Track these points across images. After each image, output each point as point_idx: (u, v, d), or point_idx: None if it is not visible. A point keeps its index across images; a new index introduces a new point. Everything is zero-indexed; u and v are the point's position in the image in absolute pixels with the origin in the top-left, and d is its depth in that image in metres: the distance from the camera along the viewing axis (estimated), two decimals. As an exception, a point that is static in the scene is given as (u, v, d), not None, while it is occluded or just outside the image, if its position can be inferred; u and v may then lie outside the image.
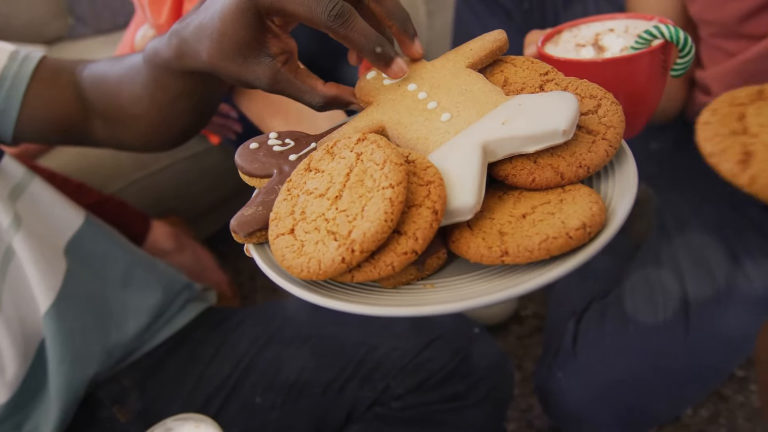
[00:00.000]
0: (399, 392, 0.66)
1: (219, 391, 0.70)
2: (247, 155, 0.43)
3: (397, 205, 0.32)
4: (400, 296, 0.35)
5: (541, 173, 0.36)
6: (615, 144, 0.37)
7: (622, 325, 0.75)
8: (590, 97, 0.39)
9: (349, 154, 0.37)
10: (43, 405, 0.63)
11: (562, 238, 0.32)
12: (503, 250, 0.33)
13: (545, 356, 0.80)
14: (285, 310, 0.75)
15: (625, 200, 0.35)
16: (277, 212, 0.37)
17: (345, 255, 0.32)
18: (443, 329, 0.69)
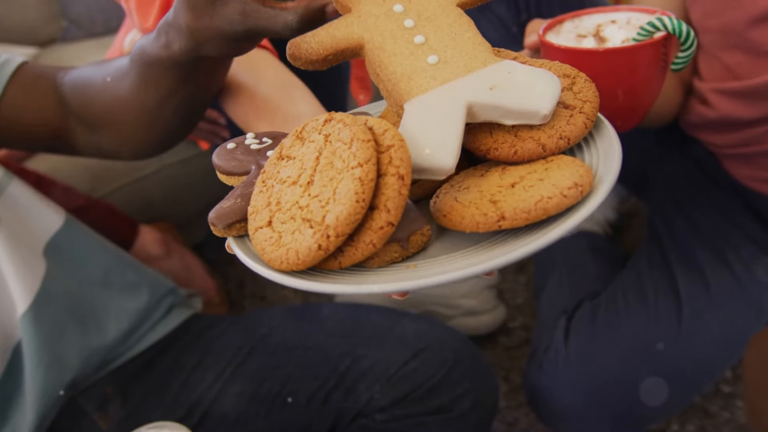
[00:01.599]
0: (383, 404, 0.65)
1: (202, 400, 0.69)
2: (225, 155, 0.43)
3: (367, 183, 0.32)
4: (380, 275, 0.34)
5: (523, 145, 0.37)
6: (592, 117, 0.38)
7: (614, 324, 0.76)
8: (564, 76, 0.41)
9: (317, 136, 0.36)
10: (19, 409, 0.62)
11: (557, 197, 0.33)
12: (499, 215, 0.33)
13: (535, 353, 0.80)
14: (270, 318, 0.75)
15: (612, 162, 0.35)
16: (254, 205, 0.37)
17: (321, 242, 0.32)
18: (429, 341, 0.68)
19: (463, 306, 1.00)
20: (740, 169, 0.83)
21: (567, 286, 0.87)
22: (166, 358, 0.72)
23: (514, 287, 1.11)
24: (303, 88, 0.58)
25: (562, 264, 0.93)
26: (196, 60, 0.48)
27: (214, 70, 0.53)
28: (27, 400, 0.61)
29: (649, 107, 0.62)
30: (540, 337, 0.82)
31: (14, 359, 0.62)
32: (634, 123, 0.64)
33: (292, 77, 0.60)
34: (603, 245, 0.99)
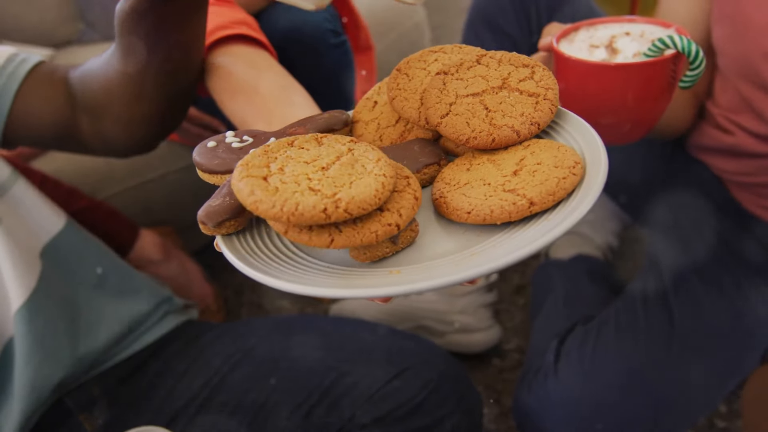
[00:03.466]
0: (364, 422, 0.65)
1: (188, 407, 0.69)
2: (206, 153, 0.43)
3: (387, 189, 0.35)
4: (366, 280, 0.35)
5: (500, 132, 0.40)
6: (555, 102, 0.41)
7: (605, 350, 0.75)
8: (524, 66, 0.43)
9: (340, 146, 0.38)
10: (6, 405, 0.63)
11: (569, 176, 0.36)
12: (528, 200, 0.35)
13: (526, 376, 0.79)
14: (260, 329, 0.75)
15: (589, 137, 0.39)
16: (248, 161, 0.36)
17: (328, 206, 0.33)
18: (414, 360, 0.68)
19: (459, 323, 0.99)
20: (748, 196, 0.82)
21: (562, 310, 0.87)
22: (155, 364, 0.73)
23: (511, 309, 1.10)
24: (302, 92, 0.59)
25: (559, 287, 0.92)
26: (154, 10, 0.50)
27: (177, 28, 0.54)
28: (15, 397, 0.62)
29: (654, 122, 0.62)
30: (531, 359, 0.81)
31: (5, 355, 0.63)
32: (638, 136, 0.64)
33: (291, 80, 0.60)
34: (602, 270, 0.99)
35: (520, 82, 0.42)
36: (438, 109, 0.42)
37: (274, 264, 0.36)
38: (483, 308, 1.00)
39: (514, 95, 0.42)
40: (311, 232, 0.34)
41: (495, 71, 0.43)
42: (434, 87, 0.43)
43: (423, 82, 0.45)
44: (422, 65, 0.46)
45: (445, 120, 0.41)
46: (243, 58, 0.60)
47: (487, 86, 0.42)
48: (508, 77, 0.43)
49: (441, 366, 0.68)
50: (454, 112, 0.41)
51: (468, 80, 0.43)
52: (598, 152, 0.38)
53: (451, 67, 0.44)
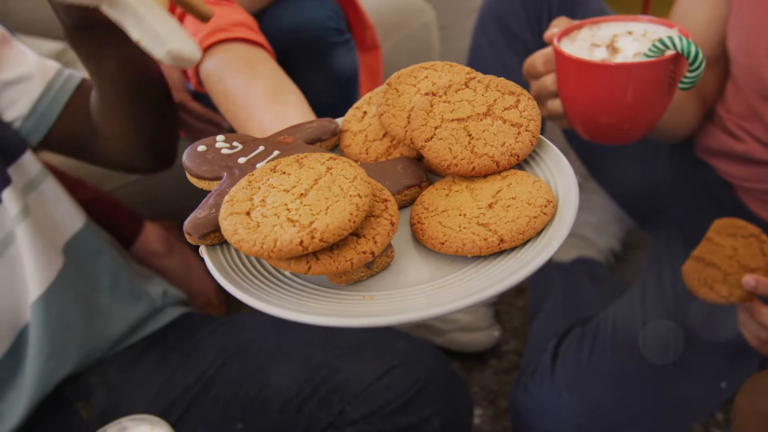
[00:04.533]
0: (353, 417, 0.66)
1: (182, 398, 0.70)
2: (196, 158, 0.44)
3: (361, 211, 0.35)
4: (336, 306, 0.36)
5: (480, 162, 0.41)
6: (536, 134, 0.42)
7: (602, 351, 0.75)
8: (509, 93, 0.44)
9: (319, 166, 0.39)
10: (14, 393, 0.64)
11: (540, 216, 0.37)
12: (499, 238, 0.37)
13: (522, 375, 0.80)
14: (256, 323, 0.76)
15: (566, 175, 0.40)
16: (234, 196, 0.38)
17: (304, 239, 0.34)
18: (404, 357, 0.68)
19: (459, 321, 0.99)
20: (755, 202, 0.81)
21: (561, 311, 0.87)
22: (152, 355, 0.74)
23: (511, 310, 1.10)
24: (296, 92, 0.59)
25: (559, 289, 0.92)
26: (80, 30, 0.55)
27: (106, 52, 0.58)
28: (24, 386, 0.64)
29: (653, 123, 0.62)
30: (528, 360, 0.81)
31: (20, 342, 0.65)
32: (637, 137, 0.64)
33: (286, 81, 0.61)
34: (602, 273, 0.98)
35: (505, 110, 0.43)
36: (423, 132, 0.43)
37: (253, 279, 0.38)
38: (483, 307, 1.00)
39: (498, 124, 0.43)
40: (290, 260, 0.36)
41: (482, 96, 0.44)
42: (421, 108, 0.43)
43: (411, 100, 0.45)
44: (412, 81, 0.47)
45: (428, 144, 0.42)
46: (239, 58, 0.61)
47: (473, 112, 0.43)
48: (494, 104, 0.44)
49: (431, 365, 0.68)
50: (438, 137, 0.42)
51: (455, 104, 0.44)
52: (571, 191, 0.39)
53: (440, 88, 0.44)
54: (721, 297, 0.63)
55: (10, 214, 0.64)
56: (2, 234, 0.64)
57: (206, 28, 0.62)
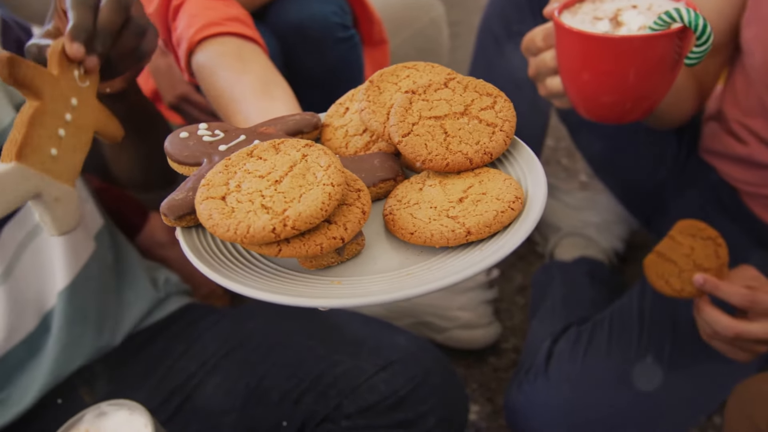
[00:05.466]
0: (349, 411, 0.66)
1: (183, 387, 0.72)
2: (178, 144, 0.45)
3: (333, 200, 0.36)
4: (305, 288, 0.37)
5: (454, 158, 0.43)
6: (510, 134, 0.44)
7: (597, 352, 0.75)
8: (487, 95, 0.46)
9: (295, 153, 0.40)
10: (26, 381, 0.66)
11: (507, 211, 0.39)
12: (466, 230, 0.38)
13: (518, 373, 0.80)
14: (258, 315, 0.77)
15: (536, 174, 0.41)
16: (210, 180, 0.39)
17: (276, 226, 0.35)
18: (402, 355, 0.69)
19: (459, 319, 0.99)
20: (759, 206, 0.81)
21: (559, 310, 0.87)
22: (156, 343, 0.75)
23: (511, 308, 1.10)
24: (284, 87, 0.60)
25: (559, 288, 0.92)
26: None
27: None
28: (39, 374, 0.66)
29: (657, 101, 0.60)
30: (525, 358, 0.81)
31: (42, 328, 0.66)
32: (639, 116, 0.62)
33: (275, 75, 0.61)
34: (604, 274, 0.98)
35: (481, 110, 0.45)
36: (401, 128, 0.44)
37: (225, 261, 0.39)
38: (483, 305, 1.01)
39: (473, 123, 0.44)
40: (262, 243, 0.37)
41: (460, 96, 0.45)
42: (401, 105, 0.45)
43: (392, 97, 0.47)
44: (394, 80, 0.48)
45: (405, 139, 0.43)
46: (230, 52, 0.62)
47: (450, 111, 0.44)
48: (471, 104, 0.45)
49: (428, 362, 0.69)
50: (415, 133, 0.43)
51: (433, 102, 0.45)
52: (540, 189, 0.40)
53: (419, 87, 0.46)
54: (674, 290, 0.68)
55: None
56: (36, 220, 0.65)
57: (200, 21, 0.62)
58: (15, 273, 0.64)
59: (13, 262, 0.64)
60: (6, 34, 0.69)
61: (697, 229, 0.69)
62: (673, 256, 0.70)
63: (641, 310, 0.78)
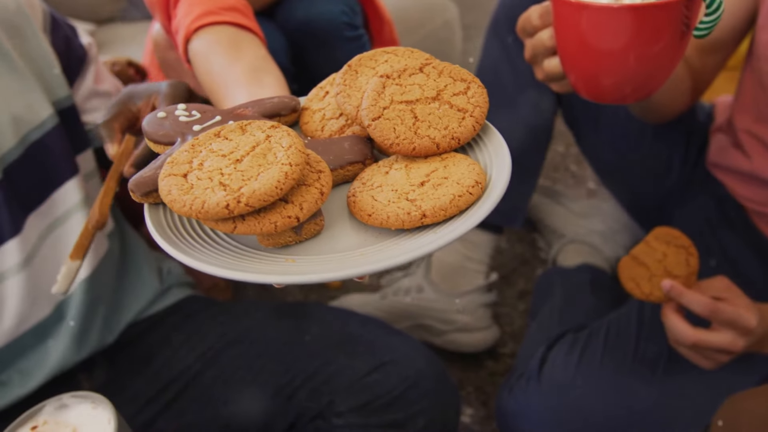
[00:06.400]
0: (341, 409, 0.67)
1: (181, 377, 0.72)
2: (155, 123, 0.46)
3: (290, 179, 0.37)
4: (258, 265, 0.38)
5: (421, 143, 0.43)
6: (480, 120, 0.44)
7: (591, 360, 0.75)
8: (461, 80, 0.45)
9: (260, 134, 0.40)
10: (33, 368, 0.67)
11: (465, 195, 0.39)
12: (421, 213, 0.38)
13: (510, 378, 0.80)
14: (258, 311, 0.78)
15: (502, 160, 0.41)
16: (175, 158, 0.40)
17: (230, 202, 0.36)
18: (395, 356, 0.69)
19: (458, 322, 1.00)
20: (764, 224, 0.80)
21: (557, 317, 0.86)
22: (156, 333, 0.76)
23: (512, 313, 1.10)
24: (276, 75, 0.60)
25: (559, 294, 0.92)
26: None
27: None
28: (46, 364, 0.67)
29: (664, 77, 0.56)
30: (519, 363, 0.81)
31: (57, 315, 0.68)
32: (645, 94, 0.58)
33: (268, 64, 0.61)
34: (605, 282, 0.97)
35: (454, 95, 0.44)
36: (371, 112, 0.44)
37: (187, 238, 0.40)
38: (482, 308, 1.01)
39: (444, 108, 0.44)
40: (218, 220, 0.37)
41: (433, 81, 0.45)
42: (374, 89, 0.45)
43: (369, 81, 0.47)
44: (372, 64, 0.48)
45: (375, 123, 0.43)
46: (225, 40, 0.62)
47: (422, 95, 0.44)
48: (444, 89, 0.45)
49: (421, 364, 0.69)
50: (385, 117, 0.44)
51: (406, 87, 0.45)
52: (503, 175, 0.40)
53: (394, 71, 0.45)
54: (643, 294, 0.70)
55: (74, 200, 0.68)
56: (60, 212, 0.68)
57: (198, 10, 0.63)
58: (34, 262, 0.65)
59: (34, 251, 0.65)
60: (55, 31, 0.71)
61: (672, 236, 0.71)
62: (646, 260, 0.71)
63: (640, 320, 0.78)
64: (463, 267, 1.00)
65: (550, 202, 1.20)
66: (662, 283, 0.66)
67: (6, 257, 0.63)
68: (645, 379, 0.72)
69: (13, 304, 0.64)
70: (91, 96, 0.75)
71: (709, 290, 0.67)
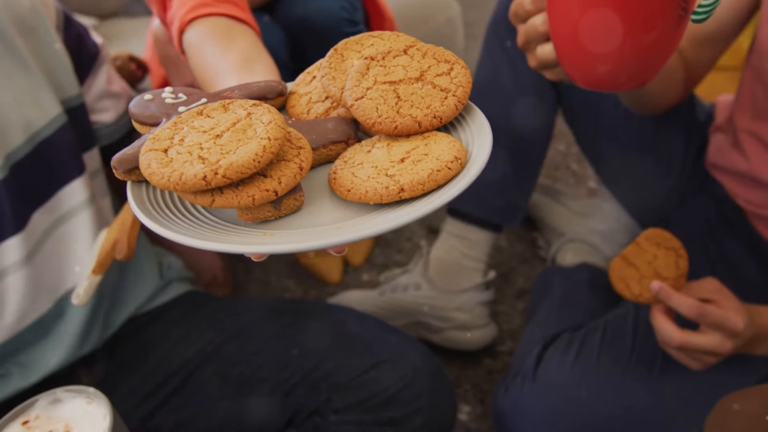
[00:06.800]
0: (338, 406, 0.67)
1: (180, 372, 0.73)
2: (141, 105, 0.47)
3: (268, 153, 0.37)
4: (235, 237, 0.38)
5: (403, 122, 0.43)
6: (463, 99, 0.44)
7: (587, 360, 0.75)
8: (445, 61, 0.46)
9: (241, 111, 0.41)
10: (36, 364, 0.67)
11: (444, 170, 0.39)
12: (399, 187, 0.39)
13: (506, 377, 0.80)
14: (257, 308, 0.78)
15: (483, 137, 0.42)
16: (157, 134, 0.40)
17: (207, 174, 0.36)
18: (393, 354, 0.70)
19: (456, 319, 1.00)
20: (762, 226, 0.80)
21: (554, 316, 0.86)
22: (155, 327, 0.76)
23: (510, 312, 1.11)
24: (267, 64, 0.60)
25: (557, 293, 0.92)
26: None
27: None
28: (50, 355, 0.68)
29: (660, 64, 0.54)
30: (515, 362, 0.81)
31: (57, 310, 0.68)
32: (641, 82, 0.56)
33: (260, 53, 0.61)
34: (603, 281, 0.97)
35: (437, 76, 0.45)
36: (355, 92, 0.44)
37: (167, 213, 0.40)
38: (480, 306, 1.01)
39: (427, 88, 0.44)
40: (197, 193, 0.38)
41: (417, 63, 0.46)
42: (357, 70, 0.45)
43: (353, 64, 0.47)
44: (358, 48, 0.49)
45: (358, 103, 0.44)
46: (218, 30, 0.63)
47: (405, 76, 0.45)
48: (428, 70, 0.45)
49: (418, 362, 0.69)
50: (368, 97, 0.44)
51: (390, 68, 0.45)
52: (483, 153, 0.40)
53: (379, 53, 0.46)
54: (632, 295, 0.70)
55: (80, 198, 0.69)
56: (65, 209, 0.68)
57: (192, 1, 0.64)
58: (36, 258, 0.65)
59: (37, 247, 0.66)
60: (68, 30, 0.71)
61: (663, 238, 0.71)
62: (636, 261, 0.72)
63: (636, 321, 0.78)
64: (461, 265, 1.00)
65: (550, 201, 1.20)
66: (651, 285, 0.67)
67: (8, 253, 0.63)
68: (642, 380, 0.72)
69: (14, 300, 0.64)
70: (103, 96, 0.76)
71: (698, 292, 0.67)
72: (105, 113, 0.76)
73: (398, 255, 1.23)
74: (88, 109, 0.73)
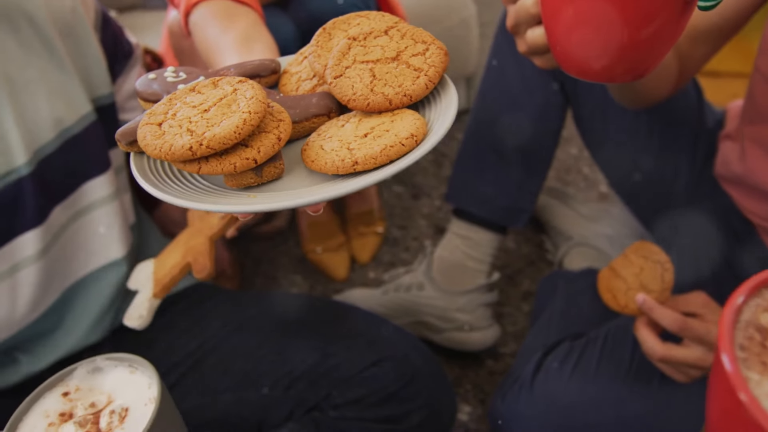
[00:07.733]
0: (338, 402, 0.68)
1: (183, 363, 0.74)
2: (145, 83, 0.51)
3: (248, 125, 0.41)
4: (222, 198, 0.42)
5: (375, 99, 0.46)
6: (434, 79, 0.46)
7: (586, 370, 0.74)
8: (422, 42, 0.48)
9: (228, 87, 0.44)
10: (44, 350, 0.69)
11: (397, 146, 0.42)
12: (354, 160, 0.42)
13: (504, 383, 0.80)
14: (261, 302, 0.79)
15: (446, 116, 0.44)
16: (153, 110, 0.44)
17: (193, 145, 0.40)
18: (394, 351, 0.70)
19: (458, 320, 1.00)
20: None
21: (556, 322, 0.86)
22: (160, 318, 0.77)
23: (515, 314, 1.10)
24: (267, 43, 0.61)
25: (561, 299, 0.92)
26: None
27: None
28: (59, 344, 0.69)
29: (661, 56, 0.50)
30: (515, 367, 0.81)
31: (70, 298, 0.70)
32: (637, 74, 0.51)
33: (261, 33, 0.63)
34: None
35: (412, 56, 0.47)
36: (335, 70, 0.47)
37: (165, 179, 0.45)
38: (483, 307, 1.01)
39: (402, 68, 0.47)
40: (185, 162, 0.42)
41: (395, 43, 0.48)
42: (340, 50, 0.48)
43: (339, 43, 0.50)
44: (345, 27, 0.51)
45: (336, 80, 0.47)
46: (221, 11, 0.64)
47: (383, 56, 0.48)
48: (404, 51, 0.48)
49: (418, 361, 0.70)
50: (346, 75, 0.47)
51: (369, 48, 0.48)
52: (439, 131, 0.42)
53: (360, 34, 0.49)
54: (618, 306, 0.71)
55: (108, 191, 0.70)
56: (84, 203, 0.69)
57: None
58: (51, 251, 0.66)
59: (53, 241, 0.67)
60: (105, 29, 0.73)
61: (650, 251, 0.72)
62: (623, 273, 0.73)
63: None
64: (465, 265, 1.00)
65: (558, 204, 1.19)
66: (636, 297, 0.67)
67: (25, 246, 0.64)
68: (640, 391, 0.71)
69: (27, 292, 0.65)
70: (133, 96, 0.77)
71: (686, 305, 0.67)
72: (134, 112, 0.77)
73: (405, 253, 1.23)
74: (118, 107, 0.75)
